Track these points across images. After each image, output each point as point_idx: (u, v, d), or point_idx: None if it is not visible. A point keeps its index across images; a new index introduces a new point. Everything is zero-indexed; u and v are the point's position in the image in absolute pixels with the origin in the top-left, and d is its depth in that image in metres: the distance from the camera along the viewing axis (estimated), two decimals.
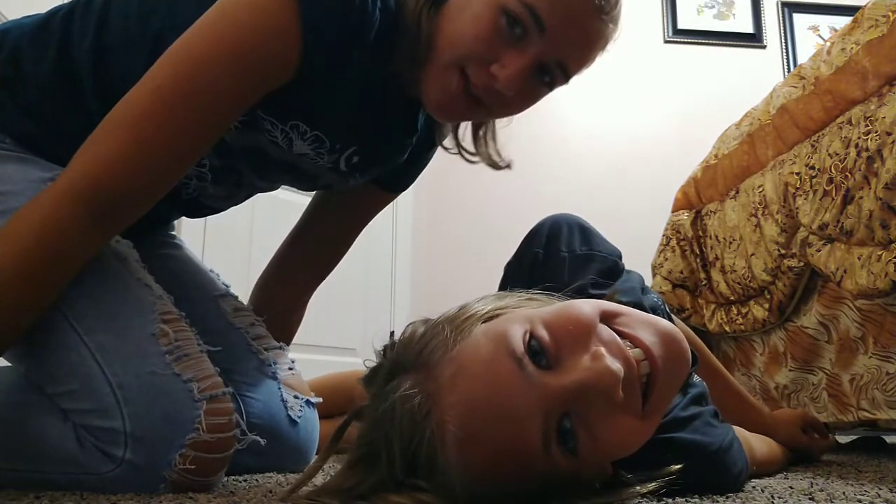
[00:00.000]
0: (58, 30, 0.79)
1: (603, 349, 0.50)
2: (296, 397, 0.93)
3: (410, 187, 1.12)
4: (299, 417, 0.92)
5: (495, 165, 0.95)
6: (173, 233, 1.08)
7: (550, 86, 0.80)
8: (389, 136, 0.92)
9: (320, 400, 0.98)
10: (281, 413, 0.90)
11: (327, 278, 1.18)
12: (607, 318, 0.54)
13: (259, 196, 1.09)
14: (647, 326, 0.54)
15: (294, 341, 1.15)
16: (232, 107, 0.72)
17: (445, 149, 0.97)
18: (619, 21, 0.79)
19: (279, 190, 1.10)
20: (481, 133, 0.93)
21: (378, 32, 0.74)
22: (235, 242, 2.12)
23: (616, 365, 0.49)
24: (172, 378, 0.69)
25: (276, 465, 0.90)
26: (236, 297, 0.99)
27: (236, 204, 1.01)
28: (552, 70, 0.77)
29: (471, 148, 0.94)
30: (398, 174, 1.04)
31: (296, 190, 1.07)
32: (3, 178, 0.74)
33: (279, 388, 0.91)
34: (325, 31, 0.70)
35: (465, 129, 0.94)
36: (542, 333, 0.51)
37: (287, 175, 0.91)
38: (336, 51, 0.72)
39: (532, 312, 0.54)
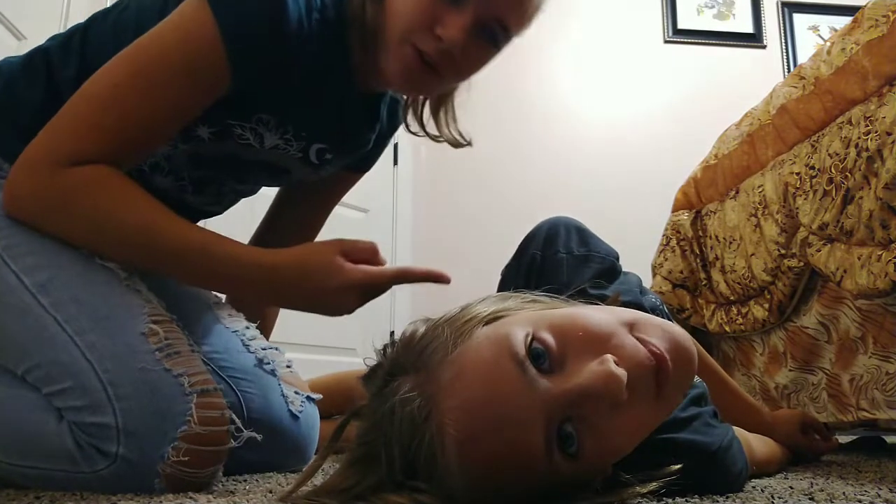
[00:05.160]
0: (44, 63, 0.85)
1: (609, 355, 0.49)
2: (296, 393, 0.94)
3: (410, 188, 1.13)
4: (300, 412, 0.92)
5: (457, 143, 1.00)
6: None
7: (496, 45, 0.85)
8: (354, 130, 0.98)
9: (320, 396, 0.99)
10: (282, 408, 0.91)
11: None
12: (626, 326, 0.53)
13: (257, 198, 1.11)
14: (659, 331, 0.53)
15: (294, 341, 1.15)
16: (182, 111, 0.77)
17: (412, 132, 1.03)
18: None
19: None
20: (441, 115, 0.99)
21: (321, 37, 0.81)
22: None
23: (620, 370, 0.48)
24: (163, 373, 0.70)
25: (278, 460, 0.91)
26: (228, 305, 1.01)
27: (228, 207, 1.05)
28: (494, 29, 0.83)
29: (433, 131, 0.99)
30: (364, 158, 1.10)
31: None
32: None
33: (279, 385, 0.92)
34: (247, 44, 0.75)
35: (429, 117, 1.01)
36: (546, 337, 0.50)
37: (264, 174, 0.96)
38: (267, 60, 0.77)
39: (535, 315, 0.54)
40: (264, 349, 0.94)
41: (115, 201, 0.74)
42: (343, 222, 2.61)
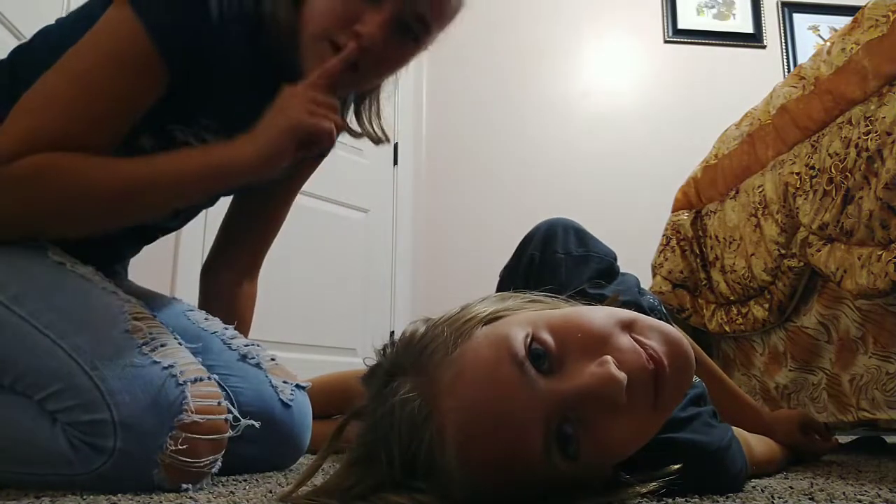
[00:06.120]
0: None
1: (609, 357, 0.49)
2: (285, 382, 0.94)
3: (410, 188, 1.12)
4: (291, 401, 0.92)
5: (377, 140, 1.00)
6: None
7: (417, 42, 0.85)
8: None
9: (310, 384, 0.99)
10: (273, 398, 0.90)
11: (328, 279, 1.19)
12: (623, 327, 0.53)
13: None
14: (657, 334, 0.53)
15: (294, 341, 1.15)
16: (122, 104, 0.78)
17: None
18: None
19: None
20: (364, 110, 0.99)
21: (242, 32, 0.82)
22: None
23: (620, 373, 0.48)
24: (152, 366, 0.70)
25: (274, 451, 0.91)
26: (203, 312, 1.01)
27: (186, 221, 1.05)
28: (413, 26, 0.83)
29: (355, 126, 1.00)
30: None
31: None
32: None
33: (266, 376, 0.92)
34: (174, 35, 0.77)
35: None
36: (546, 337, 0.50)
37: None
38: (196, 52, 0.79)
39: (535, 316, 0.54)
40: (246, 345, 0.94)
41: (85, 169, 0.75)
42: (343, 222, 2.62)
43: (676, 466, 0.57)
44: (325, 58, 0.81)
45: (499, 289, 0.80)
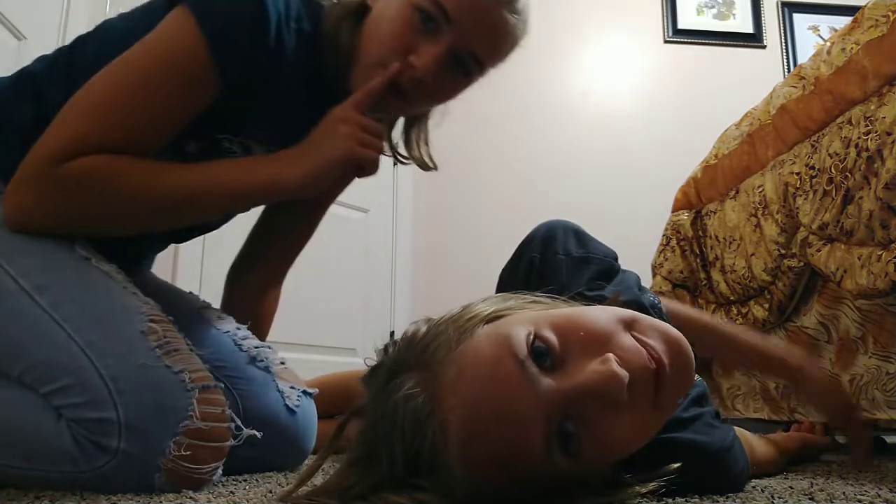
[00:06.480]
0: (30, 84, 0.86)
1: (611, 354, 0.49)
2: (292, 388, 0.94)
3: (410, 188, 1.13)
4: (297, 407, 0.93)
5: (425, 166, 1.02)
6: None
7: (468, 77, 0.88)
8: None
9: (317, 391, 0.99)
10: (279, 403, 0.91)
11: (327, 279, 1.19)
12: (625, 326, 0.53)
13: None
14: (658, 333, 0.53)
15: (294, 341, 1.15)
16: (172, 114, 0.79)
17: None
18: (527, 21, 0.88)
19: None
20: (413, 135, 1.01)
21: (299, 49, 0.83)
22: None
23: (622, 371, 0.48)
24: (163, 369, 0.71)
25: (277, 455, 0.91)
26: (217, 310, 1.02)
27: (224, 223, 1.06)
28: (466, 61, 0.85)
29: (403, 151, 1.01)
30: None
31: None
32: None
33: (274, 381, 0.93)
34: (233, 51, 0.78)
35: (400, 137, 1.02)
36: (548, 335, 0.50)
37: None
38: (251, 67, 0.79)
39: (537, 314, 0.54)
40: (256, 347, 0.95)
41: (136, 174, 0.76)
42: (343, 222, 2.62)
43: (676, 466, 0.58)
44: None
45: (499, 290, 0.80)
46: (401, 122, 1.02)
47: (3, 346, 0.73)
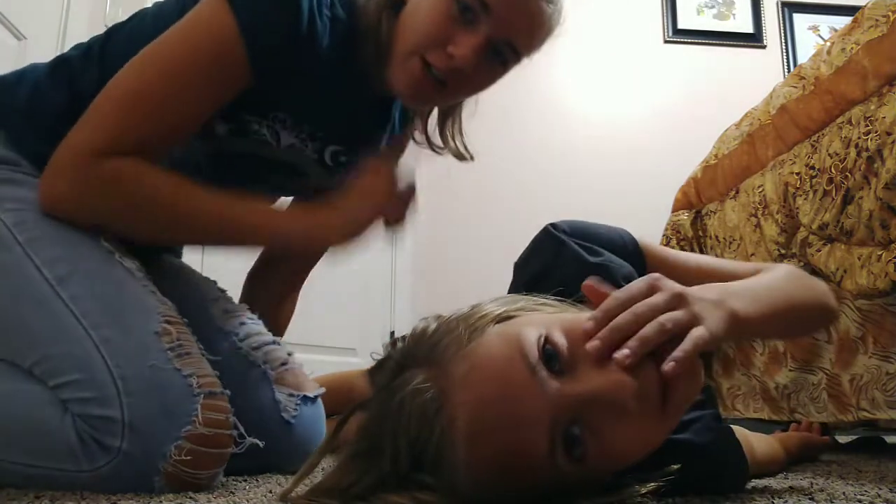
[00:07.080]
0: (66, 70, 0.88)
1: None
2: (291, 395, 0.89)
3: None
4: (294, 418, 0.88)
5: (461, 157, 1.03)
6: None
7: (505, 65, 0.89)
8: (368, 131, 1.00)
9: (322, 390, 0.95)
10: (273, 414, 0.87)
11: (327, 278, 1.20)
12: None
13: None
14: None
15: (294, 341, 1.15)
16: (206, 104, 0.81)
17: (415, 142, 1.05)
18: (562, 10, 0.92)
19: None
20: (448, 127, 1.02)
21: (332, 37, 0.84)
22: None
23: (630, 378, 0.48)
24: (173, 372, 0.71)
25: (273, 466, 0.89)
26: (230, 299, 0.98)
27: None
28: (503, 50, 0.86)
29: (438, 142, 1.02)
30: None
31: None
32: (23, 200, 0.79)
33: (271, 390, 0.88)
34: (266, 41, 0.79)
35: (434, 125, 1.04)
36: (559, 339, 0.50)
37: (282, 176, 0.97)
38: (284, 57, 0.81)
39: (548, 318, 0.54)
40: (258, 348, 0.90)
41: (165, 192, 0.78)
42: None
43: (676, 466, 0.57)
44: (415, 73, 0.84)
45: (514, 280, 0.77)
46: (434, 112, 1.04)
47: (20, 336, 0.74)
